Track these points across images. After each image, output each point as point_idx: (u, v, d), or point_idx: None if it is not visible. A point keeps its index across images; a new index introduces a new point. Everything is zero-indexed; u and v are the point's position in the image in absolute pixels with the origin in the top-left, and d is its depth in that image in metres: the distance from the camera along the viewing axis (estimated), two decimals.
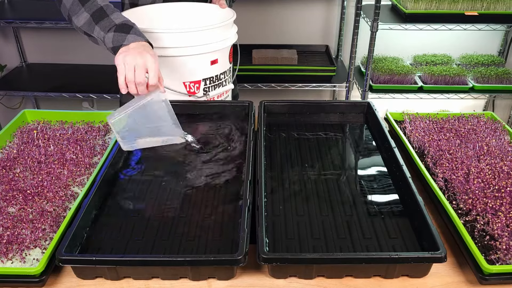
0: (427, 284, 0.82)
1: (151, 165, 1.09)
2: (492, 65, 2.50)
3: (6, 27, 2.53)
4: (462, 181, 0.99)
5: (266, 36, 2.59)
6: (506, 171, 1.01)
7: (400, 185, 1.00)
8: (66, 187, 0.99)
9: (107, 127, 1.24)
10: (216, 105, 1.31)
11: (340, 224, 0.91)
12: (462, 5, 2.19)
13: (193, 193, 0.99)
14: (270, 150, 1.15)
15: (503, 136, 1.17)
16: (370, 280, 0.82)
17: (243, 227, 0.82)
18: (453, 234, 0.89)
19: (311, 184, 1.03)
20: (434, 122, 1.24)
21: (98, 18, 1.12)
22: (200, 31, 1.23)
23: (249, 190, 0.92)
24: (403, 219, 0.92)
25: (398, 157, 1.03)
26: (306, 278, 0.82)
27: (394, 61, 2.51)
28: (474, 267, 0.81)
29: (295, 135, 1.22)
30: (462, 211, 0.93)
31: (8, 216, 0.90)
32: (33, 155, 1.09)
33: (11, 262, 0.82)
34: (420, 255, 0.79)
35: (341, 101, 1.39)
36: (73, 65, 2.66)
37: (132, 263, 0.78)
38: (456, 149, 1.10)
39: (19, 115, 1.26)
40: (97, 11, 1.13)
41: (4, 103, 2.74)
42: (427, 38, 2.57)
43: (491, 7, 2.19)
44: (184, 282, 0.81)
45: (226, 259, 0.78)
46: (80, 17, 1.14)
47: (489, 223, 0.88)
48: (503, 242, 0.83)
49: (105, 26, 1.11)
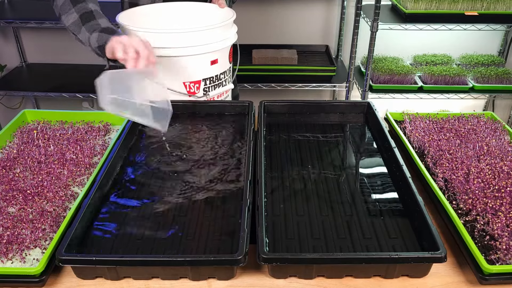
0: (427, 284, 0.82)
1: (151, 165, 1.09)
2: (492, 65, 2.50)
3: (6, 27, 2.53)
4: (462, 181, 0.99)
5: (266, 36, 2.59)
6: (506, 171, 1.01)
7: (400, 185, 1.00)
8: (66, 187, 0.99)
9: (107, 127, 1.24)
10: (216, 105, 1.31)
11: (340, 224, 0.91)
12: (462, 5, 2.19)
13: (194, 193, 0.99)
14: (270, 150, 1.15)
15: (503, 136, 1.17)
16: (370, 280, 0.82)
17: (243, 227, 0.82)
18: (453, 234, 0.89)
19: (311, 184, 1.03)
20: (434, 122, 1.24)
21: (85, 20, 1.15)
22: (200, 31, 1.23)
23: (249, 190, 0.92)
24: (403, 219, 0.92)
25: (398, 157, 1.03)
26: (306, 278, 0.82)
27: (394, 61, 2.51)
28: (474, 267, 0.81)
29: (295, 135, 1.22)
30: (462, 211, 0.93)
31: (8, 216, 0.90)
32: (33, 155, 1.09)
33: (11, 262, 0.82)
34: (420, 255, 0.79)
35: (341, 101, 1.39)
36: (73, 65, 2.66)
37: (132, 263, 0.78)
38: (456, 149, 1.10)
39: (19, 115, 1.26)
40: (86, 14, 1.16)
41: (4, 103, 2.74)
42: (427, 38, 2.57)
43: (491, 7, 2.19)
44: (184, 282, 0.82)
45: (226, 259, 0.78)
46: (69, 16, 1.17)
47: (489, 223, 0.88)
48: (503, 242, 0.83)
49: (91, 28, 1.14)
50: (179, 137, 1.20)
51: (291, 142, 1.19)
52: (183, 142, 1.18)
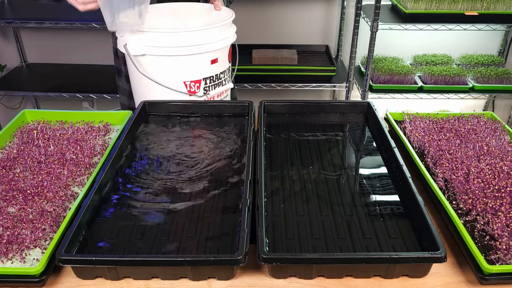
0: (427, 284, 0.82)
1: (152, 165, 1.09)
2: (492, 65, 2.50)
3: (6, 27, 2.53)
4: (462, 181, 0.99)
5: (266, 36, 2.60)
6: (506, 171, 1.01)
7: (400, 185, 1.00)
8: (66, 187, 0.99)
9: (107, 127, 1.24)
10: (216, 105, 1.31)
11: (340, 224, 0.91)
12: (462, 5, 2.20)
13: (193, 193, 0.99)
14: (270, 150, 1.15)
15: (503, 136, 1.17)
16: (370, 280, 0.82)
17: (243, 227, 0.82)
18: (453, 234, 0.89)
19: (311, 184, 1.03)
20: (434, 122, 1.24)
21: None
22: (200, 31, 1.24)
23: (249, 190, 0.92)
24: (403, 219, 0.92)
25: (398, 157, 1.03)
26: (306, 278, 0.82)
27: (394, 61, 2.51)
28: (474, 267, 0.81)
29: (295, 135, 1.22)
30: (462, 211, 0.93)
31: (8, 216, 0.90)
32: (33, 155, 1.09)
33: (11, 262, 0.82)
34: (420, 255, 0.79)
35: (341, 101, 1.39)
36: (73, 65, 2.66)
37: (132, 263, 0.78)
38: (456, 149, 1.10)
39: (19, 115, 1.26)
40: None
41: (4, 103, 2.74)
42: (427, 38, 2.57)
43: (491, 7, 2.19)
44: (184, 282, 0.82)
45: (226, 259, 0.78)
46: None
47: (489, 223, 0.88)
48: (503, 242, 0.83)
49: None
50: (179, 137, 1.20)
51: (291, 142, 1.19)
52: (183, 142, 1.18)
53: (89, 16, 2.22)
